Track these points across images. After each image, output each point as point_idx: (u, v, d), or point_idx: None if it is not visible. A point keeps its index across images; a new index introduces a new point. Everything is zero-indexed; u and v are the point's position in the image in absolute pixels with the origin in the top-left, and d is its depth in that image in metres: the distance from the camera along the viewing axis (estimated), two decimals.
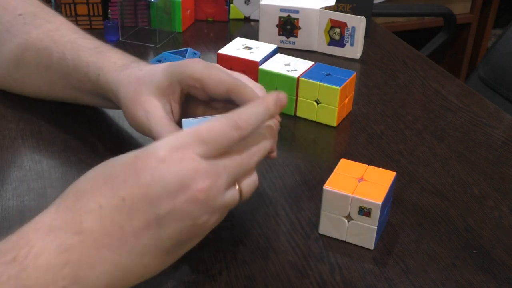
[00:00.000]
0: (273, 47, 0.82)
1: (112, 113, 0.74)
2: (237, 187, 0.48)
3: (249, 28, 1.04)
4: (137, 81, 0.60)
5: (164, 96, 0.59)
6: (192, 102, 0.60)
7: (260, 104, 0.49)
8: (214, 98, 0.58)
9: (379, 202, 0.54)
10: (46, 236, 0.41)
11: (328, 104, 0.74)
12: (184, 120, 0.55)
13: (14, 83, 0.76)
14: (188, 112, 0.61)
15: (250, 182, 0.49)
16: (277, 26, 0.95)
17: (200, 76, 0.57)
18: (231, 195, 0.47)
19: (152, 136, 0.59)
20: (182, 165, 0.44)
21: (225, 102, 0.57)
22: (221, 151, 0.46)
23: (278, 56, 0.80)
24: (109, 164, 0.45)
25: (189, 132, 0.46)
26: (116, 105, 0.64)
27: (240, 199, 0.48)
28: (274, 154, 0.57)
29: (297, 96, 0.76)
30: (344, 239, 0.57)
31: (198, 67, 0.57)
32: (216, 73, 0.56)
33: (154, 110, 0.58)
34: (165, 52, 0.85)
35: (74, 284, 0.41)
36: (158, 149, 0.44)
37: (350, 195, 0.55)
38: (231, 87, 0.55)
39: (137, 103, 0.59)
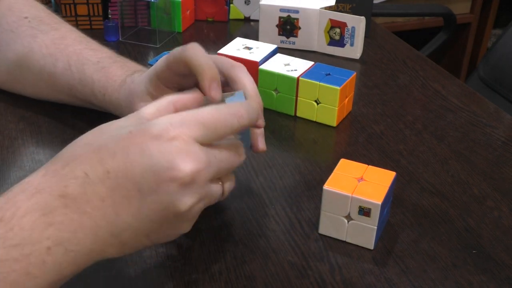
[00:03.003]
0: (273, 47, 0.82)
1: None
2: (220, 183, 0.48)
3: (249, 28, 1.04)
4: (131, 94, 0.61)
5: (153, 98, 0.59)
6: None
7: (256, 100, 0.52)
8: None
9: (379, 202, 0.54)
10: (32, 198, 0.42)
11: (328, 104, 0.74)
12: None
13: (17, 83, 0.76)
14: None
15: (231, 183, 0.50)
16: (277, 26, 0.95)
17: (166, 63, 0.57)
18: (215, 188, 0.48)
19: None
20: (173, 144, 0.44)
21: None
22: (218, 138, 0.47)
23: (278, 56, 0.80)
24: (103, 133, 0.46)
25: (190, 112, 0.46)
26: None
27: (221, 197, 0.49)
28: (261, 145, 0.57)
29: (297, 96, 0.76)
30: (344, 239, 0.57)
31: (162, 59, 0.57)
32: (172, 56, 0.55)
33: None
34: (165, 52, 0.85)
35: (58, 245, 0.42)
36: (153, 125, 0.45)
37: (350, 195, 0.55)
38: (185, 58, 0.54)
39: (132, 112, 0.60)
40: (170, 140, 0.44)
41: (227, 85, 0.57)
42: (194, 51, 0.53)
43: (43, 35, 0.72)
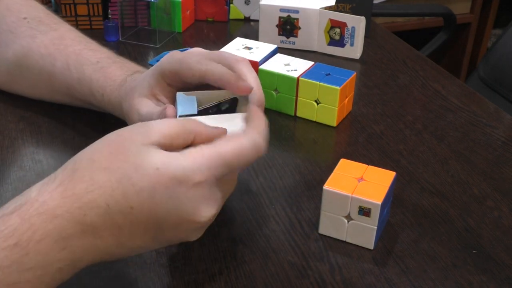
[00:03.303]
0: (273, 47, 0.82)
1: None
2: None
3: (249, 28, 1.04)
4: (131, 91, 0.61)
5: (154, 96, 0.60)
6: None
7: (259, 94, 0.55)
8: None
9: (379, 202, 0.54)
10: (49, 223, 0.42)
11: (328, 104, 0.74)
12: (178, 94, 0.57)
13: (16, 84, 0.76)
14: None
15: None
16: (277, 26, 0.95)
17: (175, 70, 0.58)
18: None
19: None
20: (199, 191, 0.45)
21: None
22: (237, 172, 0.50)
23: (278, 56, 0.80)
24: (121, 153, 0.45)
25: (214, 152, 0.46)
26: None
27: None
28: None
29: (297, 96, 0.76)
30: (344, 239, 0.57)
31: (172, 62, 0.58)
32: (186, 65, 0.57)
33: (146, 109, 0.59)
34: (165, 52, 0.85)
35: (69, 265, 0.43)
36: (181, 168, 0.45)
37: (350, 195, 0.55)
38: (202, 74, 0.56)
39: (132, 109, 0.60)
40: (196, 186, 0.45)
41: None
42: (212, 65, 0.56)
43: (42, 36, 0.72)
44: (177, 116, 0.55)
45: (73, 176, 0.44)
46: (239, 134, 0.49)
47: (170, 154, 0.45)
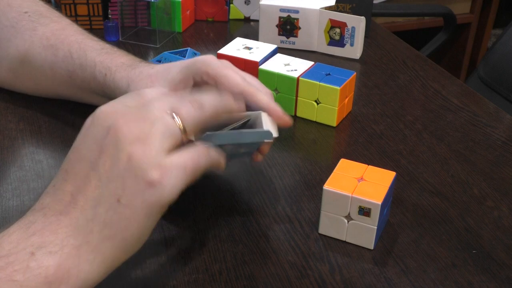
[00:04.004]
0: (273, 47, 0.82)
1: None
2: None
3: (249, 28, 1.04)
4: (149, 77, 0.61)
5: (175, 91, 0.59)
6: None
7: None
8: None
9: (379, 202, 0.54)
10: (22, 219, 0.45)
11: (328, 104, 0.74)
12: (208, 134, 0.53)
13: (17, 80, 0.76)
14: None
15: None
16: (277, 26, 0.95)
17: (216, 74, 0.58)
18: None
19: None
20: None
21: None
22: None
23: (278, 56, 0.80)
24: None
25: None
26: None
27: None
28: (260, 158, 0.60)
29: (297, 96, 0.76)
30: (344, 239, 0.57)
31: (214, 65, 0.58)
32: (232, 75, 0.58)
33: None
34: (165, 52, 0.85)
35: (41, 249, 0.43)
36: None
37: (350, 195, 0.55)
38: (245, 91, 0.57)
39: None
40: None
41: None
42: (257, 92, 0.58)
43: (44, 27, 0.72)
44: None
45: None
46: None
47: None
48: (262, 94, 0.57)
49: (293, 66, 0.77)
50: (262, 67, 0.77)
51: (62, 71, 0.70)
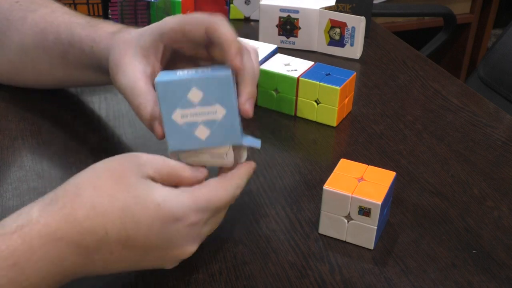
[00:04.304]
0: (273, 47, 0.82)
1: (112, 113, 0.74)
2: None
3: (249, 28, 1.04)
4: (124, 43, 0.59)
5: (146, 57, 0.57)
6: (178, 62, 0.60)
7: (249, 167, 0.54)
8: (198, 52, 0.58)
9: (379, 202, 0.54)
10: (49, 246, 0.44)
11: (328, 104, 0.74)
12: (161, 72, 0.54)
13: (18, 72, 0.75)
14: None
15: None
16: (277, 26, 0.95)
17: (179, 25, 0.57)
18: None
19: (127, 99, 0.57)
20: (190, 230, 0.49)
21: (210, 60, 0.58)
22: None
23: (278, 56, 0.80)
24: (130, 193, 0.47)
25: (205, 196, 0.49)
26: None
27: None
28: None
29: (297, 96, 0.76)
30: (344, 239, 0.57)
31: (176, 19, 0.57)
32: (193, 16, 0.57)
33: (132, 73, 0.57)
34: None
35: (58, 282, 0.45)
36: (178, 207, 0.48)
37: (350, 195, 0.55)
38: (208, 25, 0.56)
39: (118, 65, 0.58)
40: (190, 225, 0.48)
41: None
42: (221, 23, 0.56)
43: (33, 14, 0.72)
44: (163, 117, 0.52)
45: (75, 201, 0.46)
46: (227, 180, 0.52)
47: (171, 190, 0.48)
48: (225, 26, 0.56)
49: (293, 66, 0.77)
50: (262, 67, 0.77)
51: (54, 53, 0.69)
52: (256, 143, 0.54)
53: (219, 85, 0.50)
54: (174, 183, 0.50)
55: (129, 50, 0.58)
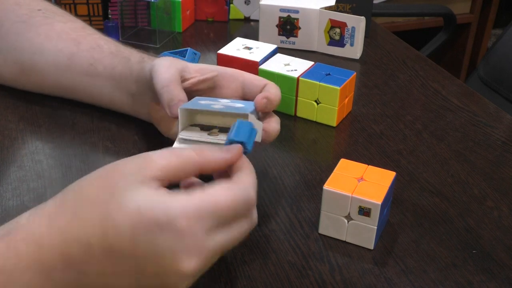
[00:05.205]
0: (273, 47, 0.82)
1: (113, 113, 0.74)
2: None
3: (249, 28, 1.04)
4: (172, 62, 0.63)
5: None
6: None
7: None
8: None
9: (379, 202, 0.54)
10: (34, 253, 0.42)
11: (328, 104, 0.74)
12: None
13: (23, 73, 0.75)
14: None
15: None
16: (277, 26, 0.95)
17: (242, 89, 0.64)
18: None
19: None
20: (182, 241, 0.42)
21: None
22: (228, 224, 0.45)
23: (278, 56, 0.80)
24: (114, 198, 0.42)
25: (206, 201, 0.43)
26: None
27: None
28: None
29: (297, 96, 0.76)
30: (344, 239, 0.57)
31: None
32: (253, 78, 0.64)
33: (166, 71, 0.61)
34: (165, 52, 0.85)
35: None
36: (165, 210, 0.42)
37: (350, 195, 0.55)
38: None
39: (159, 67, 0.63)
40: (178, 234, 0.41)
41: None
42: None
43: (62, 24, 0.74)
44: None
45: (60, 208, 0.43)
46: (234, 182, 0.46)
47: (157, 194, 0.42)
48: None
49: (293, 66, 0.77)
50: (262, 67, 0.77)
51: (83, 60, 0.71)
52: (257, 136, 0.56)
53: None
54: (193, 173, 0.45)
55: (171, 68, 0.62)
